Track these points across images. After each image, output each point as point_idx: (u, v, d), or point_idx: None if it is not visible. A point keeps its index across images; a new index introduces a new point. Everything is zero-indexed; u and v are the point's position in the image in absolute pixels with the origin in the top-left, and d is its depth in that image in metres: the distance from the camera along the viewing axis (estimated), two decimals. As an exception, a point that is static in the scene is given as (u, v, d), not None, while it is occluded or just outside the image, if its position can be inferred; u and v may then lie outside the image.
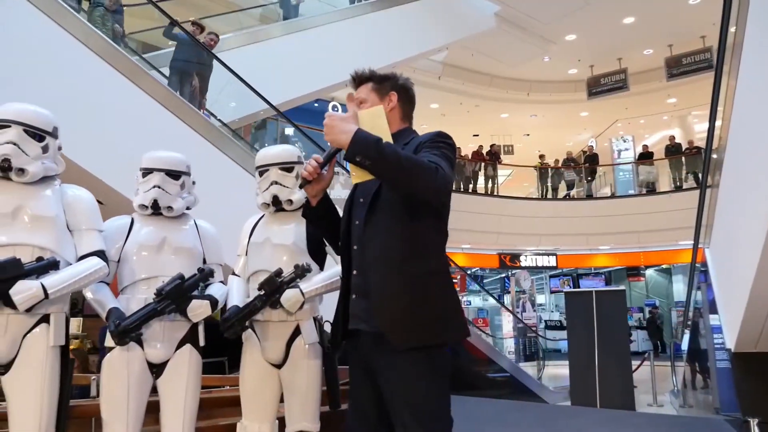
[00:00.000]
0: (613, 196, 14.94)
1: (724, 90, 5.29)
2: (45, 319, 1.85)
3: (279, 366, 2.27)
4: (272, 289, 2.15)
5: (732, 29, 5.31)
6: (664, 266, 17.08)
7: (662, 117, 17.49)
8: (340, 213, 1.87)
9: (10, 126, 1.90)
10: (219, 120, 7.06)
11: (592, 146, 17.09)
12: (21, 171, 1.87)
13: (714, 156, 6.23)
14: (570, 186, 15.11)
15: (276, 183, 2.32)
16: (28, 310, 1.77)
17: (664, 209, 13.11)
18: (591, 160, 15.35)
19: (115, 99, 5.05)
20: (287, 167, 2.35)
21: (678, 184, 13.95)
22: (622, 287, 10.61)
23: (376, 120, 1.61)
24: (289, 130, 8.44)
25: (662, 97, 15.89)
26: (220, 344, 2.32)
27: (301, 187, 1.76)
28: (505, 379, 8.41)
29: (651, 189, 14.45)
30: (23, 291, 1.71)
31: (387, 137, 1.57)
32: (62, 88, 4.57)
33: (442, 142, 1.71)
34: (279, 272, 2.17)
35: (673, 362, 9.09)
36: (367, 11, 10.27)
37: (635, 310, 16.31)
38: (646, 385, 8.36)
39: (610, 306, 6.82)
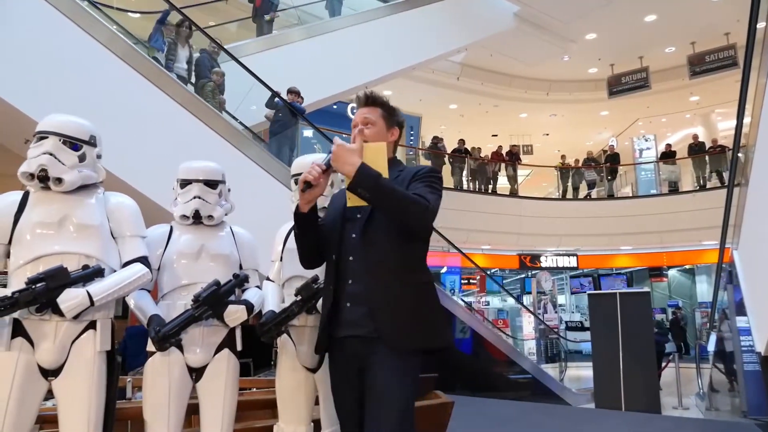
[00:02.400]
0: (634, 195, 14.78)
1: (752, 87, 5.22)
2: (92, 325, 1.90)
3: (314, 370, 2.31)
4: (309, 295, 2.18)
5: (761, 25, 5.24)
6: (687, 267, 16.84)
7: (685, 115, 17.26)
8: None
9: (47, 137, 1.95)
10: (241, 123, 7.16)
11: (612, 145, 16.92)
12: (58, 180, 1.92)
13: (741, 155, 6.15)
14: (591, 186, 14.98)
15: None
16: (75, 317, 1.82)
17: (688, 209, 12.95)
18: (612, 159, 15.20)
19: (141, 103, 5.14)
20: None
21: (702, 183, 13.76)
22: (646, 289, 10.50)
23: (379, 155, 1.78)
24: (308, 132, 8.51)
25: (685, 95, 15.69)
26: (246, 346, 2.36)
27: (302, 191, 1.81)
28: (527, 381, 8.38)
29: (674, 188, 14.27)
30: (70, 299, 1.76)
31: (384, 172, 1.74)
32: (89, 94, 4.68)
33: (433, 177, 1.89)
34: (315, 279, 2.20)
35: (698, 364, 8.96)
36: (387, 14, 10.30)
37: (658, 311, 16.09)
38: (670, 387, 8.26)
39: (634, 308, 6.77)
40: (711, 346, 8.79)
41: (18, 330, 1.81)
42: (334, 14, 9.71)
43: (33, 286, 1.72)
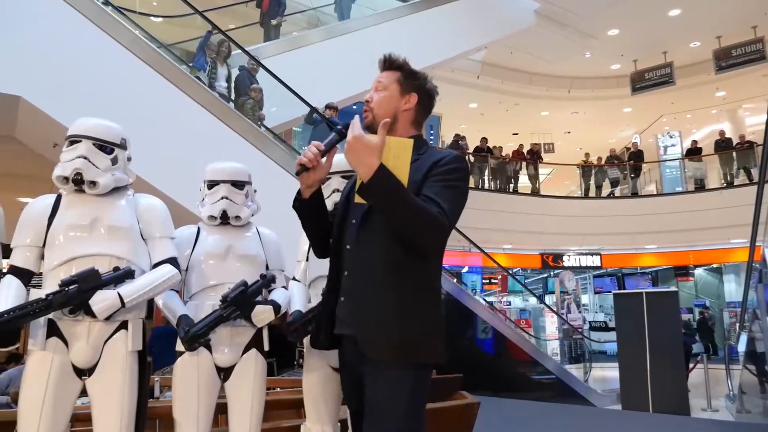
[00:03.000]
0: (659, 193, 14.55)
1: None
2: (124, 325, 1.94)
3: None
4: (336, 294, 2.19)
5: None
6: (714, 265, 16.51)
7: (710, 111, 16.93)
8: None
9: (80, 141, 1.99)
10: (263, 125, 7.21)
11: (636, 143, 16.67)
12: (92, 183, 1.96)
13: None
14: (614, 184, 14.78)
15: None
16: (107, 318, 1.85)
17: (715, 206, 12.69)
18: (635, 156, 14.98)
19: (163, 105, 5.21)
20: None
21: (729, 180, 13.48)
22: (673, 288, 10.32)
23: (403, 152, 1.53)
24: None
25: (710, 90, 15.38)
26: (269, 346, 2.37)
27: (298, 174, 1.65)
28: (551, 381, 8.30)
29: (700, 186, 14.00)
30: (102, 301, 1.80)
31: (405, 172, 1.51)
32: (113, 97, 4.77)
33: (456, 172, 1.61)
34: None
35: (728, 365, 8.77)
36: (406, 13, 10.28)
37: (685, 311, 15.79)
38: (698, 389, 8.09)
39: (661, 307, 6.65)
40: (741, 347, 8.60)
41: (53, 330, 1.85)
42: (342, 18, 9.67)
43: (66, 289, 1.76)
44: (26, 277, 1.89)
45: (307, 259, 2.45)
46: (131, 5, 7.22)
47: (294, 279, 2.50)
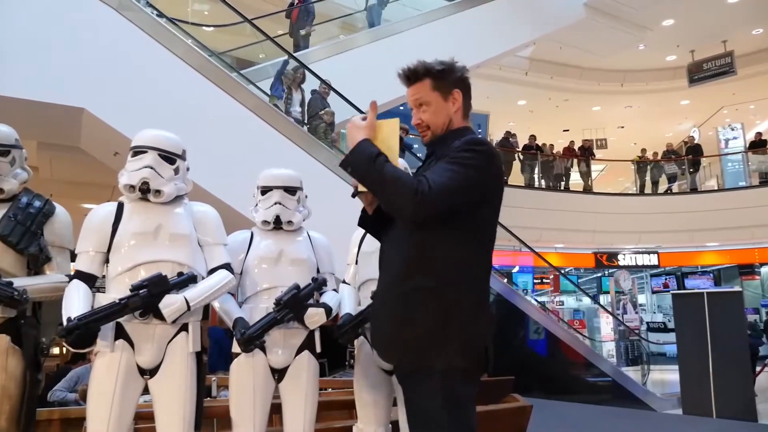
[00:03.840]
0: (720, 189, 13.91)
1: None
2: (184, 327, 2.02)
3: (392, 372, 2.33)
4: (384, 297, 2.21)
5: None
6: (783, 263, 15.67)
7: (775, 101, 16.06)
8: None
9: (146, 151, 2.08)
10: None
11: (694, 136, 16.00)
12: (158, 192, 2.05)
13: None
14: (671, 180, 14.24)
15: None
16: (174, 321, 1.94)
17: (782, 201, 12.06)
18: (694, 151, 14.36)
19: (216, 112, 5.36)
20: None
21: (798, 173, 12.77)
22: (736, 288, 9.86)
23: (391, 133, 1.58)
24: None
25: (775, 79, 14.60)
26: (321, 347, 2.42)
27: (353, 196, 1.67)
28: (607, 384, 8.08)
29: (765, 180, 13.31)
30: (171, 304, 1.89)
31: (395, 152, 1.55)
32: (168, 106, 4.94)
33: (464, 152, 1.55)
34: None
35: (799, 369, 8.32)
36: (451, 12, 10.21)
37: (750, 312, 15.03)
38: (766, 393, 7.71)
39: (724, 308, 6.35)
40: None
41: (120, 332, 1.94)
42: (372, 26, 9.65)
43: (138, 293, 1.85)
44: (90, 281, 2.00)
45: (356, 263, 2.49)
46: (183, 16, 7.48)
47: (344, 282, 2.54)
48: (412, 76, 1.70)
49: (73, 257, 2.12)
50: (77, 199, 7.82)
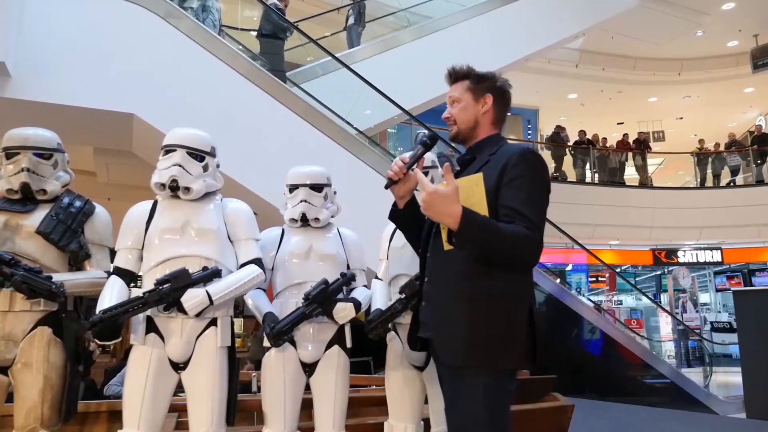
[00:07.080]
0: (789, 180, 13.11)
1: None
2: (214, 322, 2.06)
3: (422, 368, 2.31)
4: (412, 292, 2.19)
5: None
6: None
7: None
8: None
9: (175, 150, 2.14)
10: (355, 128, 7.35)
11: (760, 125, 15.13)
12: (187, 189, 2.10)
13: None
14: (734, 172, 13.53)
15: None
16: (197, 315, 1.98)
17: None
18: (760, 140, 13.58)
19: (261, 115, 5.47)
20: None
21: None
22: (806, 284, 9.25)
23: (474, 187, 1.60)
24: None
25: None
26: (366, 344, 2.42)
27: (386, 187, 1.76)
28: (665, 386, 7.77)
29: (840, 170, 12.47)
30: (192, 298, 1.92)
31: (484, 205, 1.57)
32: (215, 109, 5.07)
33: (526, 173, 1.62)
34: (419, 276, 2.20)
35: None
36: (497, 5, 10.04)
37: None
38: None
39: (791, 306, 5.96)
40: None
41: (151, 327, 2.00)
42: (352, 46, 9.51)
43: (160, 287, 1.90)
44: (128, 277, 2.06)
45: (387, 258, 2.47)
46: (233, 22, 7.67)
47: (377, 278, 2.54)
48: (454, 76, 1.86)
49: (113, 255, 2.20)
50: (133, 201, 8.08)
